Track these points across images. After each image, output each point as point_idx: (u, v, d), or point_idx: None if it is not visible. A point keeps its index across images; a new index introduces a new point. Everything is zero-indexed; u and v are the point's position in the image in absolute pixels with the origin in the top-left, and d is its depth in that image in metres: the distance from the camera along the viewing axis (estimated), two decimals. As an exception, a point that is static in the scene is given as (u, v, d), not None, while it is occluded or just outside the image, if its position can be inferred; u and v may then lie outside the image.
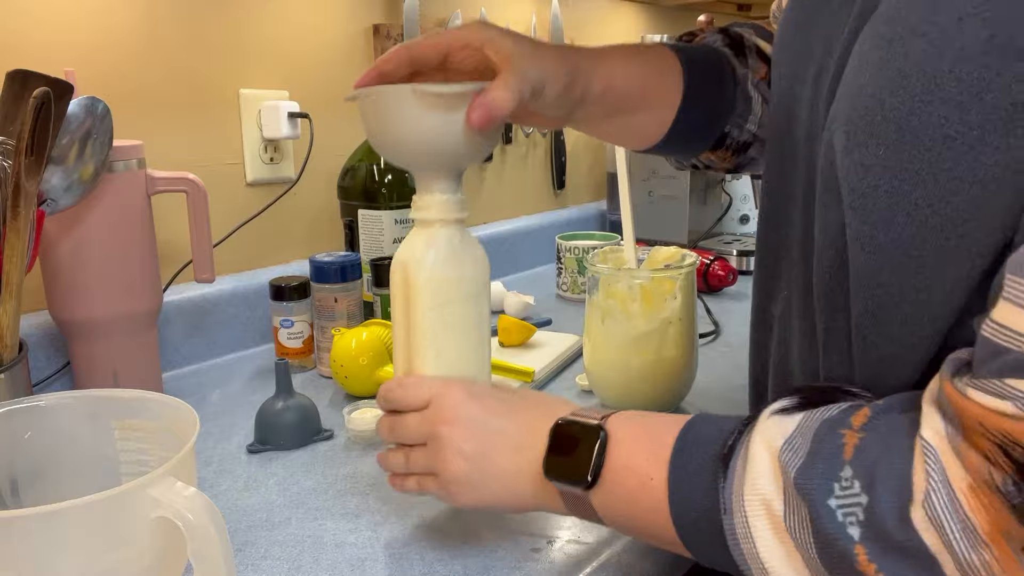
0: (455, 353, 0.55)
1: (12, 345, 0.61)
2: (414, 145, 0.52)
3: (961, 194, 0.35)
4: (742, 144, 0.65)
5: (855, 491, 0.36)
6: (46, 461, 0.50)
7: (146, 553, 0.41)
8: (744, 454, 0.42)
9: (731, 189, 1.52)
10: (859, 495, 0.36)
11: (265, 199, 1.00)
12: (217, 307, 0.95)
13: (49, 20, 0.81)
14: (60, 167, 0.67)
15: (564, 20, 1.42)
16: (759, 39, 0.65)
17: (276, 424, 0.70)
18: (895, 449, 0.37)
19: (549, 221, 1.43)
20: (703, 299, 1.13)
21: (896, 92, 0.37)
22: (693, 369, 0.77)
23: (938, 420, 0.36)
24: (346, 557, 0.55)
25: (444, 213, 0.54)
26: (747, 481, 0.41)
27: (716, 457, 0.43)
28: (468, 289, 0.54)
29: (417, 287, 0.53)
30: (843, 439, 0.38)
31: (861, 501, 0.36)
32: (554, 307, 1.16)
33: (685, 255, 0.77)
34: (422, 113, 0.50)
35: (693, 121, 0.62)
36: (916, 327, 0.39)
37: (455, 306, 0.54)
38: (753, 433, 0.42)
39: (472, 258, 0.55)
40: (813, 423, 0.40)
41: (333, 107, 1.08)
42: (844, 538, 0.36)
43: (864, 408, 0.40)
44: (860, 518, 0.36)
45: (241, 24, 0.97)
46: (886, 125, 0.37)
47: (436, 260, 0.53)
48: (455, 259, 0.54)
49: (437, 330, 0.54)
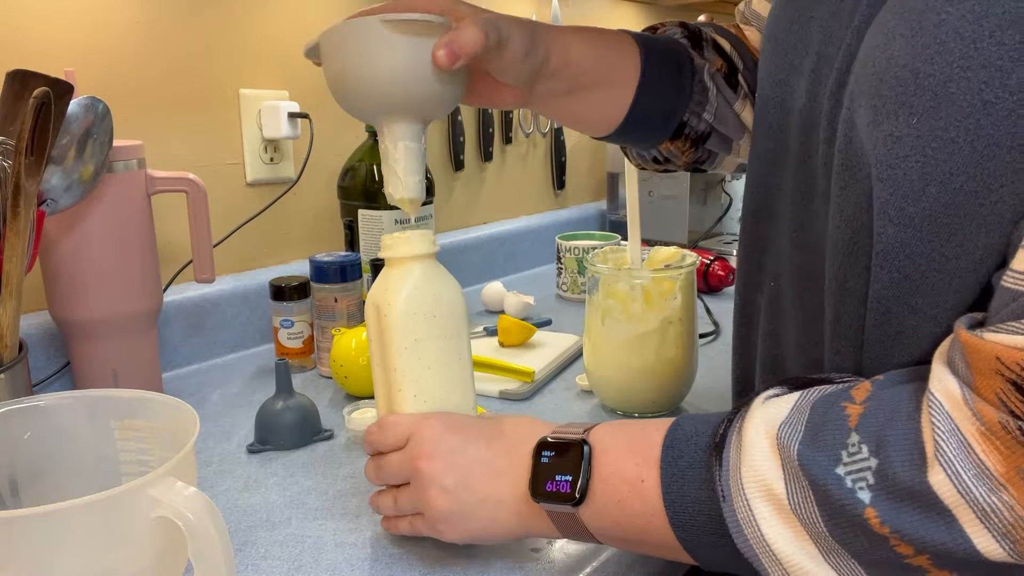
0: (434, 390, 0.54)
1: (12, 345, 0.61)
2: (381, 82, 0.50)
3: (997, 159, 0.35)
4: (700, 135, 0.65)
5: (863, 455, 0.36)
6: (46, 461, 0.50)
7: (146, 553, 0.41)
8: (737, 440, 0.41)
9: (731, 189, 1.52)
10: (868, 459, 0.36)
11: (265, 199, 1.00)
12: (217, 307, 0.95)
13: (49, 20, 0.81)
14: (60, 167, 0.67)
15: (564, 20, 1.42)
16: (717, 35, 0.66)
17: (276, 424, 0.70)
18: (902, 412, 0.37)
19: (549, 221, 1.43)
20: (703, 299, 1.13)
21: (932, 60, 0.37)
22: (693, 369, 0.77)
23: (946, 374, 0.36)
24: (346, 557, 0.55)
25: (414, 249, 0.53)
26: (744, 465, 0.40)
27: (708, 448, 0.42)
28: (443, 324, 0.54)
29: (390, 326, 0.53)
30: (846, 411, 0.38)
31: (870, 464, 0.36)
32: (554, 307, 1.16)
33: (685, 255, 0.77)
34: (391, 44, 0.49)
35: (651, 105, 0.62)
36: (941, 297, 0.39)
37: (430, 343, 0.53)
38: (746, 419, 0.42)
39: (445, 293, 0.54)
40: (810, 400, 0.40)
41: (333, 107, 1.08)
42: (854, 503, 0.36)
43: (865, 383, 0.40)
44: (870, 481, 0.36)
45: (241, 24, 0.97)
46: (920, 94, 0.37)
47: (407, 298, 0.53)
48: (427, 295, 0.53)
49: (413, 368, 0.53)
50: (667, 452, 0.44)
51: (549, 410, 0.79)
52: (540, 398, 0.82)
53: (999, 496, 0.33)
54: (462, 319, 0.55)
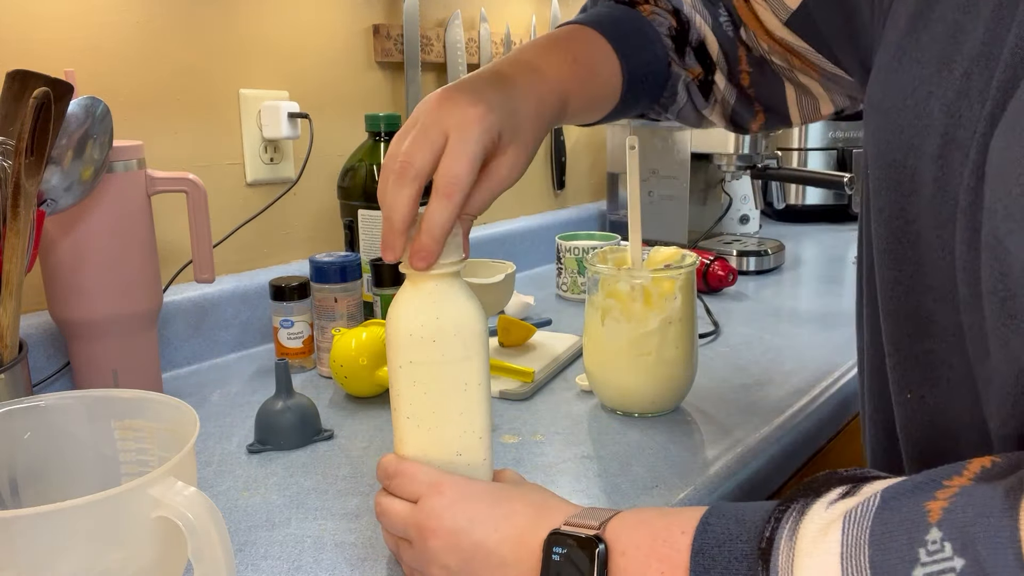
0: (427, 415, 0.51)
1: (12, 345, 0.61)
2: None
3: None
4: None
5: (946, 555, 0.31)
6: (46, 461, 0.50)
7: (146, 553, 0.41)
8: (791, 545, 0.36)
9: (731, 189, 1.52)
10: (951, 559, 0.31)
11: (265, 199, 1.00)
12: (217, 307, 0.95)
13: (49, 20, 0.81)
14: (60, 167, 0.67)
15: (564, 20, 1.42)
16: (710, 31, 0.65)
17: (276, 424, 0.70)
18: (995, 508, 0.31)
19: (549, 221, 1.43)
20: (703, 299, 1.12)
21: None
22: (693, 369, 0.77)
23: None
24: (346, 557, 0.55)
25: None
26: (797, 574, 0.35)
27: (748, 557, 0.37)
28: (444, 349, 0.50)
29: (388, 343, 0.51)
30: (927, 506, 0.33)
31: (954, 566, 0.31)
32: (554, 307, 1.16)
33: (685, 255, 0.77)
34: None
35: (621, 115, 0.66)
36: None
37: (426, 367, 0.50)
38: (803, 519, 0.37)
39: (453, 315, 0.50)
40: (885, 495, 0.35)
41: (333, 107, 1.08)
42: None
43: (955, 477, 0.35)
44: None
45: (241, 24, 0.97)
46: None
47: (406, 317, 0.50)
48: (428, 317, 0.50)
49: (408, 389, 0.51)
50: (696, 559, 0.38)
51: (549, 410, 0.79)
52: (540, 398, 0.82)
53: None
54: (472, 346, 0.51)
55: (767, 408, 0.78)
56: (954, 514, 0.32)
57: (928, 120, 0.43)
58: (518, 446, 0.71)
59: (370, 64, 1.13)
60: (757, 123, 0.70)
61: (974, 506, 0.32)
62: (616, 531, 0.43)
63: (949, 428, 0.46)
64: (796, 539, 0.36)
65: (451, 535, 0.47)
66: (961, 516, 0.32)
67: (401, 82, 1.17)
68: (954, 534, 0.31)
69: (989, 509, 0.31)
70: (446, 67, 1.22)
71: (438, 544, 0.47)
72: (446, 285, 0.51)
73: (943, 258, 0.43)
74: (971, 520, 0.31)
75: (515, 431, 0.74)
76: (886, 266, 0.47)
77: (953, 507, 0.32)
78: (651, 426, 0.75)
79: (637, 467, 0.67)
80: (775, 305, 1.15)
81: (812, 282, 1.29)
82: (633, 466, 0.67)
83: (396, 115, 0.99)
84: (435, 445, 0.52)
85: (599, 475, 0.65)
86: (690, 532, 0.40)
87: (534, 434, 0.73)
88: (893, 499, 0.35)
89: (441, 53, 1.21)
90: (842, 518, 0.35)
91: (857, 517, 0.35)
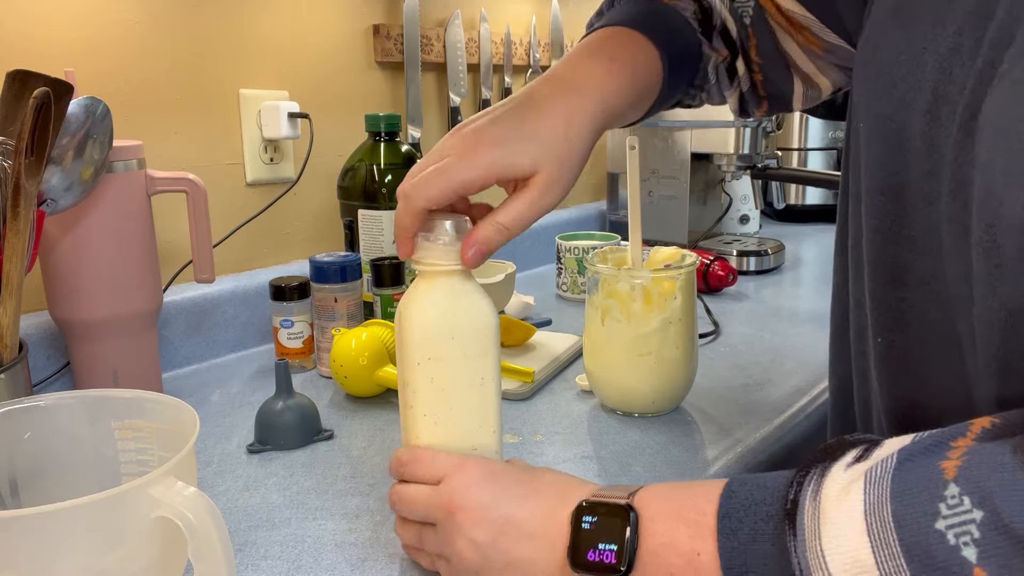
0: (445, 412, 0.52)
1: (12, 345, 0.61)
2: None
3: None
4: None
5: (965, 507, 0.33)
6: (46, 461, 0.50)
7: (146, 553, 0.41)
8: (815, 504, 0.37)
9: (731, 189, 1.52)
10: (970, 511, 0.32)
11: (265, 199, 1.00)
12: (217, 307, 0.95)
13: (49, 20, 0.81)
14: (60, 167, 0.67)
15: (564, 20, 1.42)
16: (727, 13, 0.66)
17: (276, 424, 0.70)
18: (1006, 465, 0.33)
19: (549, 221, 1.43)
20: (703, 299, 1.12)
21: None
22: (693, 369, 0.77)
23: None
24: (346, 557, 0.55)
25: (442, 262, 0.50)
26: (825, 536, 0.36)
27: (774, 517, 0.39)
28: (462, 346, 0.51)
29: (405, 340, 0.51)
30: (941, 464, 0.35)
31: (974, 517, 0.32)
32: (554, 307, 1.16)
33: (685, 255, 0.77)
34: None
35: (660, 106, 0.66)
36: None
37: (445, 363, 0.51)
38: (824, 480, 0.38)
39: (470, 313, 0.51)
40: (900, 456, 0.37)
41: (333, 107, 1.08)
42: (959, 564, 0.32)
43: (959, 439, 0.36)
44: (975, 536, 0.32)
45: (241, 24, 0.97)
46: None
47: (424, 314, 0.50)
48: (447, 314, 0.50)
49: (425, 386, 0.51)
50: (724, 522, 0.40)
51: (549, 410, 0.79)
52: (540, 398, 0.82)
53: None
54: (487, 342, 0.52)
55: (767, 408, 0.78)
56: (969, 471, 0.34)
57: (921, 76, 0.44)
58: (518, 446, 0.71)
59: (370, 64, 1.13)
60: (761, 110, 0.72)
61: (987, 463, 0.34)
62: (644, 499, 0.44)
63: (919, 371, 0.47)
64: (820, 499, 0.37)
65: (479, 510, 0.47)
66: (976, 473, 0.33)
67: (401, 82, 1.17)
68: (971, 488, 0.33)
69: (1002, 465, 0.33)
70: (446, 67, 1.22)
71: (466, 519, 0.47)
72: (461, 282, 0.51)
73: (924, 209, 0.44)
74: (986, 475, 0.33)
75: (515, 431, 0.74)
76: (869, 215, 0.49)
77: (967, 465, 0.34)
78: (651, 426, 0.75)
79: (637, 467, 0.67)
80: (775, 305, 1.15)
81: (812, 282, 1.29)
82: (633, 466, 0.67)
83: (396, 115, 0.99)
84: (452, 440, 0.53)
85: (599, 475, 0.65)
86: (715, 500, 0.41)
87: (534, 434, 0.73)
88: (908, 460, 0.36)
89: (441, 53, 1.21)
90: (863, 477, 0.36)
91: (876, 477, 0.36)
